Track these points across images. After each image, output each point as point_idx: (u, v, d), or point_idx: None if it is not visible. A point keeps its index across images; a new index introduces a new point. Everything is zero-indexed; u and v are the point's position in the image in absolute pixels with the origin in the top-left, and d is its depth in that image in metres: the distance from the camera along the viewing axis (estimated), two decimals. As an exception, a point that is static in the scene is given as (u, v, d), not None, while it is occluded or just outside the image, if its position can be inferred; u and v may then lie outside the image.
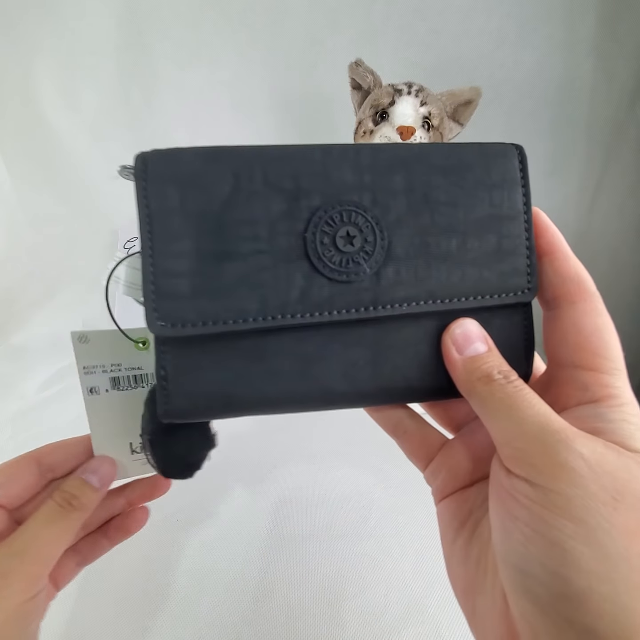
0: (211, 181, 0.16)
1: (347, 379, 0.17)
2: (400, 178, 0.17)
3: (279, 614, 0.31)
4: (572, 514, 0.12)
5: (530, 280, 0.17)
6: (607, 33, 0.58)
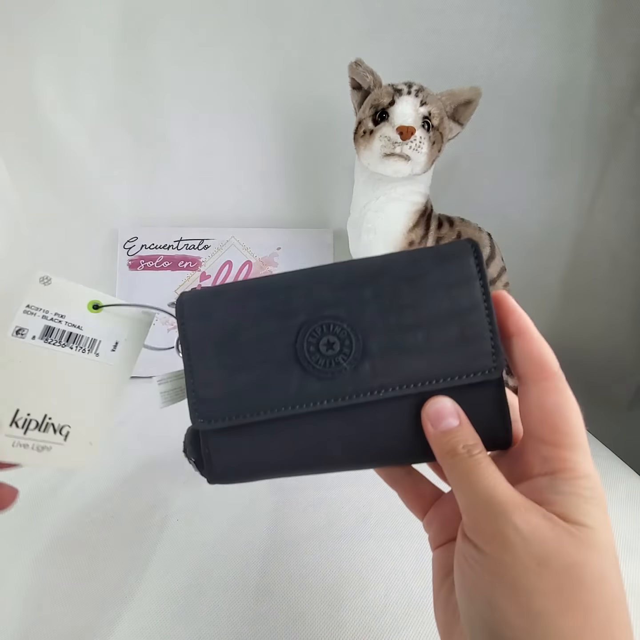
0: (226, 313, 0.21)
1: (344, 450, 0.21)
2: (368, 290, 0.20)
3: (279, 614, 0.31)
4: (503, 576, 0.15)
5: (495, 360, 0.19)
6: (607, 33, 0.58)
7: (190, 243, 0.67)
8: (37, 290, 0.23)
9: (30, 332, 0.23)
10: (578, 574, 0.15)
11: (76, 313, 0.24)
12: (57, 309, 0.24)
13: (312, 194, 0.70)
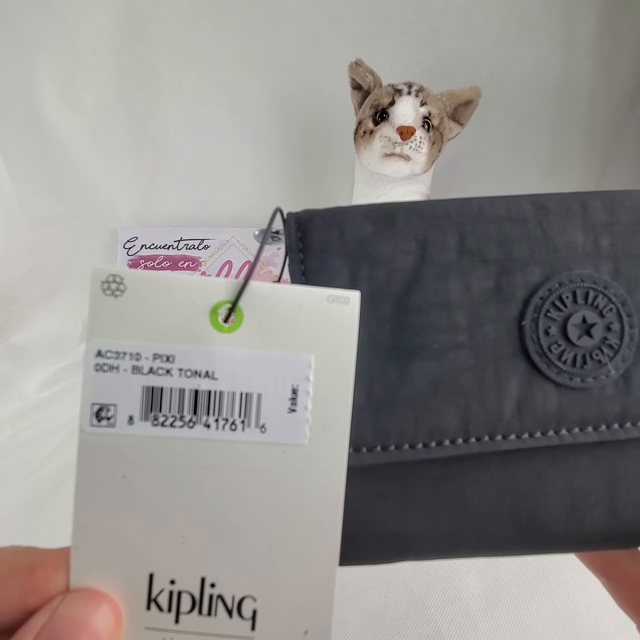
0: (389, 252, 0.12)
1: (572, 518, 0.12)
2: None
3: (279, 614, 0.31)
4: None
5: None
6: (607, 33, 0.58)
7: (190, 243, 0.67)
8: (104, 310, 0.11)
9: (122, 410, 0.11)
10: None
11: (191, 342, 0.12)
12: (155, 340, 0.11)
13: (312, 194, 0.70)
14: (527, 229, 0.12)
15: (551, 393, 0.12)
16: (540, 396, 0.12)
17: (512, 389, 0.12)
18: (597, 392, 0.12)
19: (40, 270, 0.70)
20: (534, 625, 0.31)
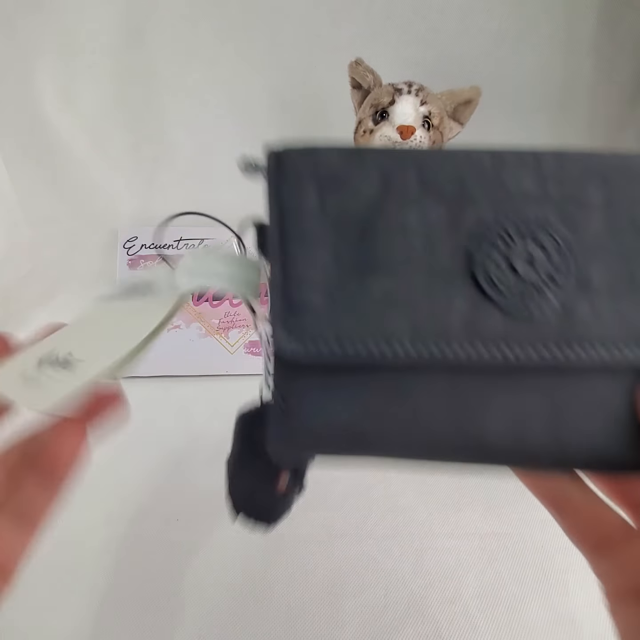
0: (357, 182, 0.14)
1: (512, 434, 0.14)
2: (595, 190, 0.13)
3: (279, 614, 0.31)
4: None
5: None
6: (608, 33, 0.58)
7: (190, 243, 0.67)
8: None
9: None
10: None
11: None
12: None
13: (312, 194, 0.70)
14: (484, 173, 0.14)
15: (497, 318, 0.13)
16: (486, 318, 0.13)
17: (459, 308, 0.13)
18: (540, 319, 0.13)
19: (40, 270, 0.70)
20: (534, 625, 0.31)
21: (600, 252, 0.13)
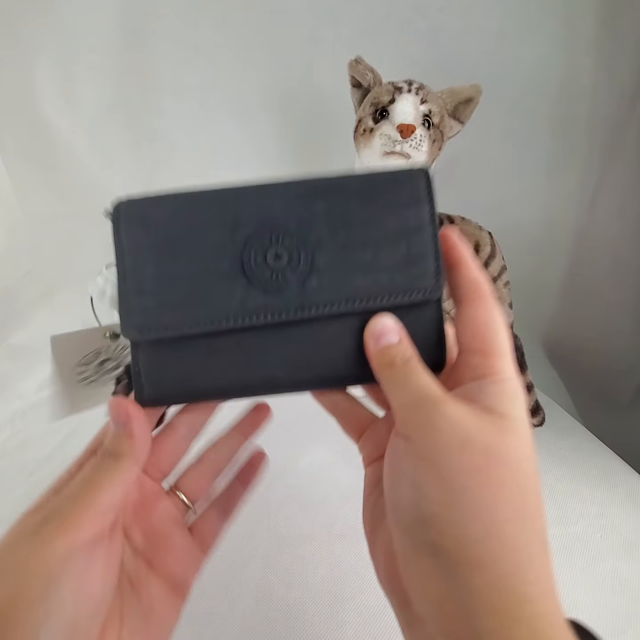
0: (168, 220, 0.20)
1: (285, 369, 0.20)
2: (321, 204, 0.20)
3: (279, 614, 0.31)
4: (428, 458, 0.16)
5: (436, 280, 0.20)
6: (608, 31, 0.58)
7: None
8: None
9: None
10: (496, 453, 0.16)
11: None
12: None
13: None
14: (250, 203, 0.20)
15: (260, 295, 0.19)
16: (252, 298, 0.19)
17: (237, 294, 0.19)
18: (286, 293, 0.20)
19: (40, 270, 0.70)
20: (535, 625, 0.30)
21: (324, 244, 0.20)
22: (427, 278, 0.20)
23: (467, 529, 0.15)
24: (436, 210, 0.20)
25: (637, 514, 0.40)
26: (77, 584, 0.15)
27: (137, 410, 0.19)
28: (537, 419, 0.49)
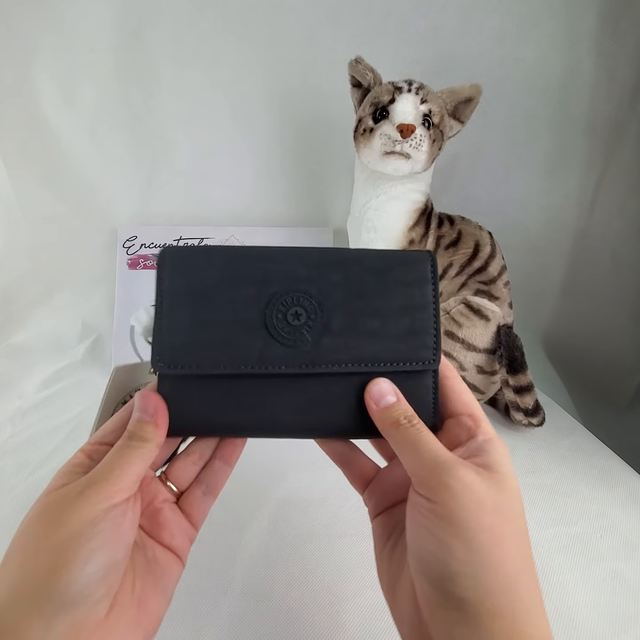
0: (206, 272, 0.22)
1: (293, 416, 0.23)
2: (339, 274, 0.23)
3: (279, 614, 0.31)
4: (451, 518, 0.18)
5: (435, 353, 0.23)
6: (608, 31, 0.58)
7: (189, 242, 0.67)
8: None
9: None
10: (502, 512, 0.18)
11: None
12: None
13: (312, 193, 0.70)
14: (277, 266, 0.22)
15: (278, 347, 0.22)
16: (272, 348, 0.22)
17: (258, 344, 0.22)
18: (301, 348, 0.22)
19: (40, 270, 0.70)
20: (534, 625, 0.30)
21: (338, 310, 0.22)
22: (427, 350, 0.22)
23: (486, 583, 0.17)
24: (438, 289, 0.23)
25: (637, 514, 0.40)
26: (114, 531, 0.19)
27: (162, 404, 0.22)
28: (537, 419, 0.49)
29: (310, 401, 0.22)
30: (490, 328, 0.50)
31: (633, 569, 0.34)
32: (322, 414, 0.23)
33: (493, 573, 0.17)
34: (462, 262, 0.52)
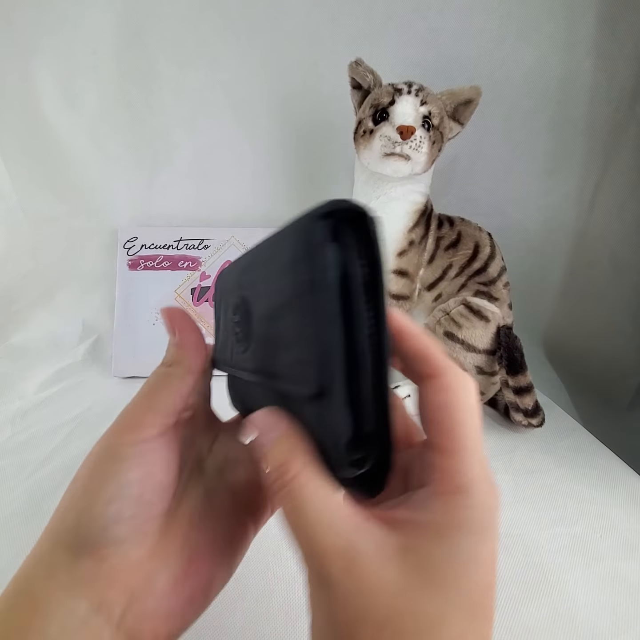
0: (224, 284, 0.23)
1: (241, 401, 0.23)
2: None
3: (279, 614, 0.31)
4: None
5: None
6: (607, 32, 0.58)
7: (190, 243, 0.67)
8: None
9: None
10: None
11: None
12: None
13: (312, 194, 0.70)
14: (251, 269, 0.20)
15: (239, 349, 0.20)
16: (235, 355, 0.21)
17: (231, 347, 0.21)
18: (242, 356, 0.20)
19: (40, 270, 0.70)
20: (534, 625, 0.30)
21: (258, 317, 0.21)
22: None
23: None
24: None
25: (637, 514, 0.40)
26: (143, 468, 0.17)
27: (187, 320, 0.20)
28: (536, 419, 0.49)
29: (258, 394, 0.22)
30: (490, 329, 0.50)
31: (633, 569, 0.34)
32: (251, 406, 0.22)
33: None
34: (462, 263, 0.52)
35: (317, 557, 0.13)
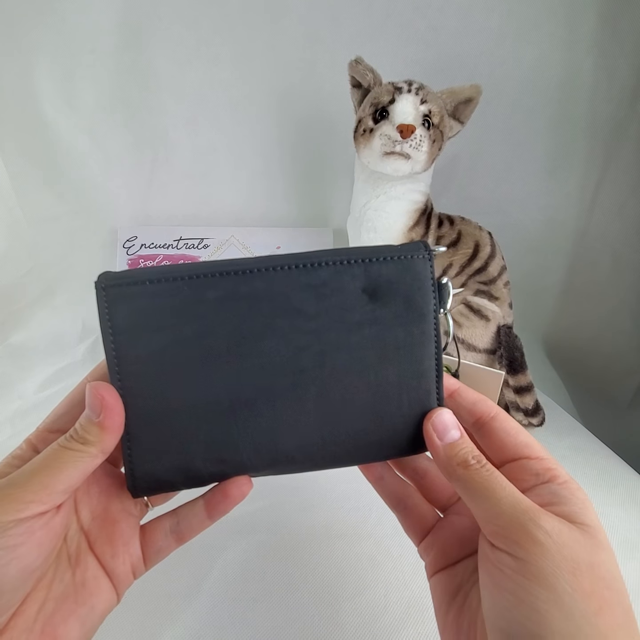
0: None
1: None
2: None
3: (278, 615, 0.31)
4: (545, 581, 0.15)
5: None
6: (608, 30, 0.58)
7: (189, 242, 0.67)
8: None
9: None
10: (599, 573, 0.15)
11: None
12: None
13: (311, 193, 0.70)
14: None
15: None
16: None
17: None
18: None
19: (40, 269, 0.70)
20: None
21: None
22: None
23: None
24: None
25: (637, 514, 0.40)
26: (9, 551, 0.16)
27: (114, 400, 0.19)
28: (537, 419, 0.49)
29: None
30: (490, 328, 0.50)
31: (633, 569, 0.34)
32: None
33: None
34: (462, 263, 0.52)
35: (526, 513, 0.16)
